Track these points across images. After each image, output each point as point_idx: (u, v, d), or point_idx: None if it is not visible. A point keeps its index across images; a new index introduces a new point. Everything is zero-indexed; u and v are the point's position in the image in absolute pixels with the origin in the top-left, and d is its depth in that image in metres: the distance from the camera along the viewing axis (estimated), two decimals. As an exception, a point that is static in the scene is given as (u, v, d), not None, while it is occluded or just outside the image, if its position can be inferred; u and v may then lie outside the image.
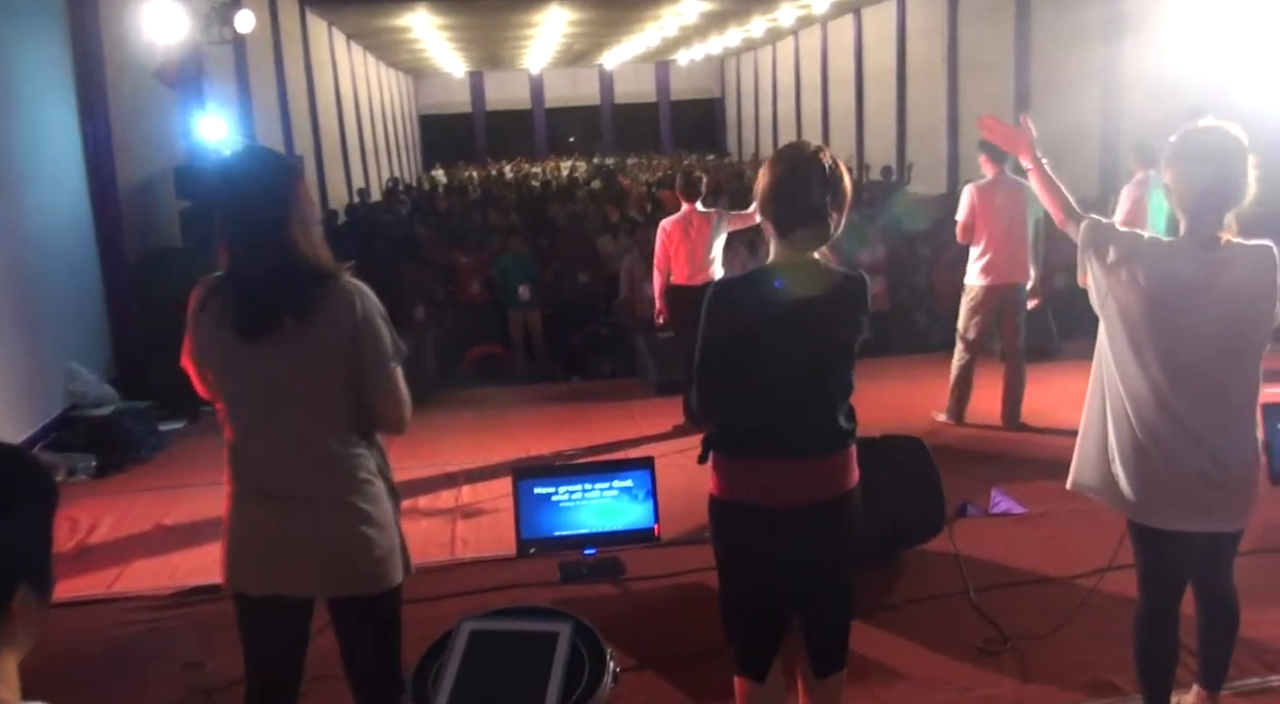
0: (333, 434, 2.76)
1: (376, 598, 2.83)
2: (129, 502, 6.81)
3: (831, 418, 2.90)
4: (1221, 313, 2.94)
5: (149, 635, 4.49)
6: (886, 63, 23.21)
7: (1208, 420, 2.97)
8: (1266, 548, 4.79)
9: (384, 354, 2.76)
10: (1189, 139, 2.99)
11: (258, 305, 2.67)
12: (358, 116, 25.06)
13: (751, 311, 2.83)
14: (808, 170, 2.80)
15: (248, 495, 2.79)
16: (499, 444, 7.73)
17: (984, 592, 4.49)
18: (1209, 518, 3.05)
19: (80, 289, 8.88)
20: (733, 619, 3.03)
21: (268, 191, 2.71)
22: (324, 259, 2.76)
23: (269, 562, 2.77)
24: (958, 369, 7.47)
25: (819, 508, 2.88)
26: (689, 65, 40.08)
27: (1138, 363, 2.99)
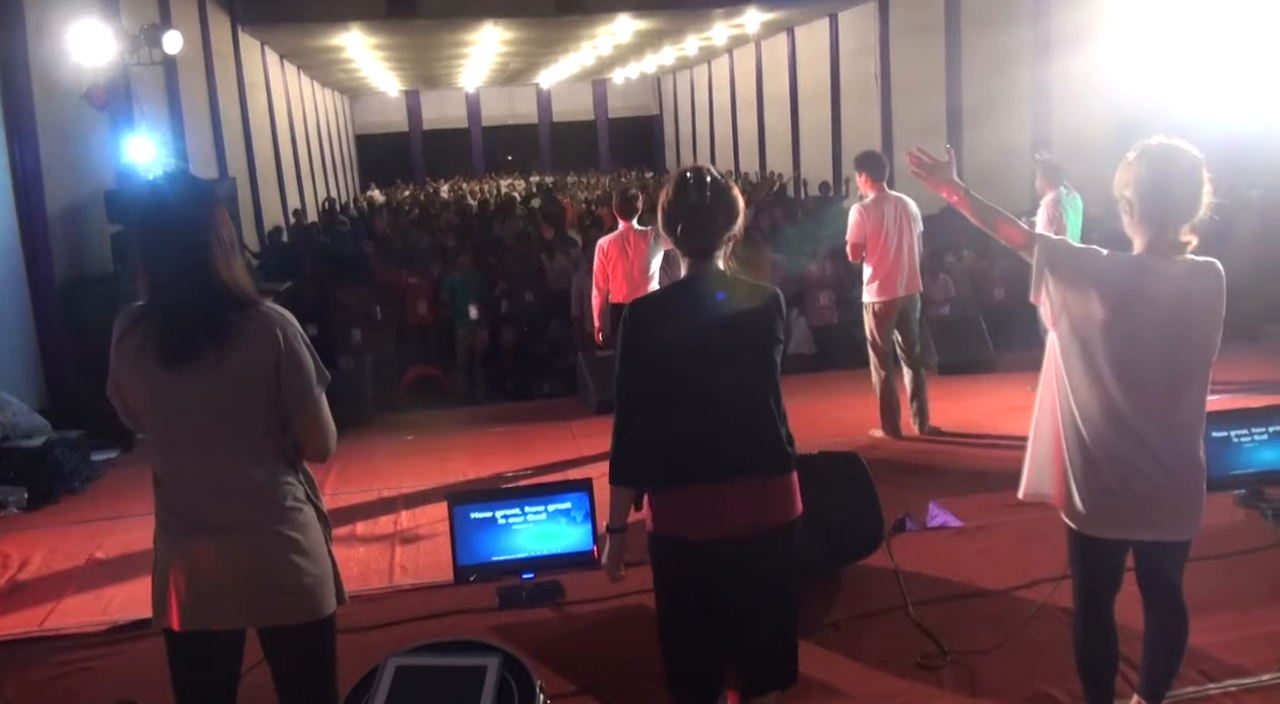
0: (257, 462, 2.73)
1: (309, 627, 2.80)
2: (61, 535, 6.67)
3: (764, 440, 2.91)
4: (1176, 326, 3.02)
5: (79, 674, 4.38)
6: (821, 81, 23.47)
7: (1159, 431, 3.04)
8: (1201, 556, 4.84)
9: (308, 381, 2.74)
10: (1147, 156, 3.05)
11: (178, 334, 2.64)
12: (293, 137, 24.81)
13: (669, 328, 2.88)
14: (702, 189, 2.92)
15: (174, 527, 2.75)
16: (438, 468, 7.68)
17: (923, 606, 4.52)
18: (1156, 527, 3.12)
19: (8, 316, 8.70)
20: (672, 655, 3.02)
21: (187, 219, 2.69)
22: (245, 286, 2.74)
23: (197, 595, 2.72)
24: (879, 385, 7.64)
25: (757, 537, 2.88)
26: (625, 83, 40.21)
27: (1092, 376, 3.05)
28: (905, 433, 7.62)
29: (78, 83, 9.33)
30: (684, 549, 2.89)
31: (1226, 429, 5.48)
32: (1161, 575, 3.26)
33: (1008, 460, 4.84)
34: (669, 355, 2.88)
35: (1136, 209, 3.05)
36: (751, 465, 2.90)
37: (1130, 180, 3.07)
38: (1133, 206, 3.07)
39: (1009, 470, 3.51)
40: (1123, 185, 3.10)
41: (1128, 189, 3.08)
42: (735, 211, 2.96)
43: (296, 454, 2.83)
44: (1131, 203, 3.07)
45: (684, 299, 2.94)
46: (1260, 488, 5.46)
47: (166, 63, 11.96)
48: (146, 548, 5.82)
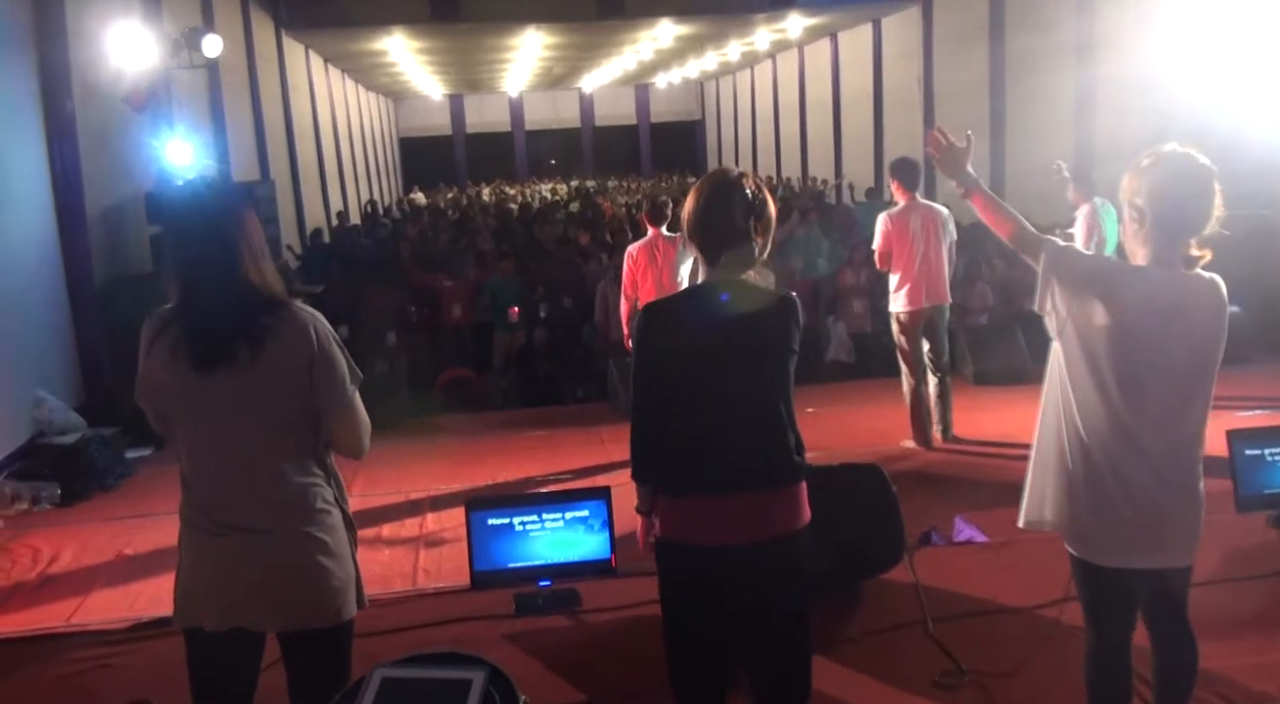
0: (289, 464, 2.75)
1: (329, 631, 2.81)
2: (92, 531, 6.75)
3: (771, 449, 2.88)
4: (1183, 340, 2.93)
5: (98, 671, 4.42)
6: (863, 86, 23.34)
7: (1164, 448, 2.96)
8: (1228, 578, 4.79)
9: (340, 380, 2.76)
10: (1159, 165, 2.95)
11: (211, 337, 2.67)
12: (336, 140, 25.03)
13: (680, 333, 2.85)
14: (730, 195, 2.86)
15: (202, 528, 2.76)
16: (466, 471, 7.70)
17: (942, 623, 4.46)
18: (1160, 553, 3.02)
19: (47, 315, 8.82)
20: (674, 660, 3.01)
21: (218, 223, 2.72)
22: (275, 288, 2.76)
23: (223, 596, 2.74)
24: (909, 394, 7.60)
25: (765, 546, 2.85)
26: (668, 88, 40.24)
27: (1098, 389, 2.95)
28: (936, 444, 7.55)
29: (118, 86, 9.45)
30: (690, 555, 2.87)
31: (1260, 447, 5.30)
32: (1168, 602, 3.16)
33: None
34: (680, 361, 2.86)
35: (1148, 219, 2.95)
36: (759, 475, 2.87)
37: (1141, 189, 2.96)
38: (1144, 216, 2.96)
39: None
40: (1133, 193, 2.98)
41: (1139, 197, 2.96)
42: (772, 229, 2.93)
43: (327, 455, 2.86)
44: (1143, 212, 2.96)
45: (697, 305, 2.91)
46: (1295, 508, 5.32)
47: (209, 66, 12.11)
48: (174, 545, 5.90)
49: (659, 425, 2.88)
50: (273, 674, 2.95)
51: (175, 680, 4.11)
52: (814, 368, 11.86)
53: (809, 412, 8.71)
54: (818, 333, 12.15)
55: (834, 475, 4.74)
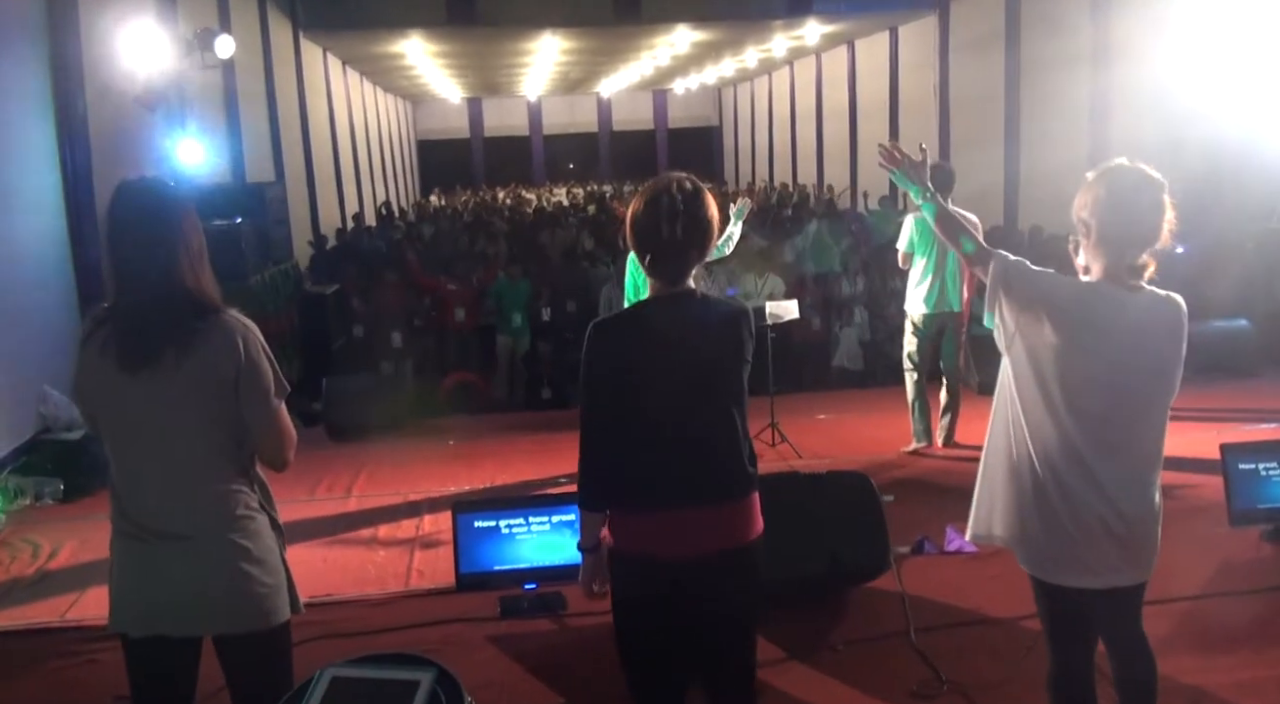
0: (210, 469, 2.75)
1: (261, 635, 2.81)
2: (93, 527, 6.76)
3: (725, 461, 2.85)
4: (1132, 359, 2.88)
5: (84, 667, 4.46)
6: (880, 94, 23.31)
7: (1114, 469, 2.90)
8: (1220, 592, 4.77)
9: (265, 391, 2.76)
10: (1106, 177, 2.93)
11: (140, 337, 2.67)
12: (353, 141, 25.12)
13: (630, 350, 2.82)
14: (658, 203, 2.80)
15: (126, 533, 2.77)
16: (467, 473, 7.73)
17: (926, 632, 4.45)
18: (1113, 573, 2.96)
19: (55, 312, 8.87)
20: (630, 673, 3.01)
21: (154, 224, 2.71)
22: (209, 293, 2.76)
23: (148, 602, 2.74)
24: (910, 389, 7.65)
25: (718, 558, 2.83)
26: (686, 94, 40.25)
27: (1045, 406, 2.91)
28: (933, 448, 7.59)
29: (131, 85, 9.51)
30: (645, 567, 2.85)
31: (1254, 461, 5.29)
32: (1121, 620, 3.11)
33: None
34: (631, 377, 2.81)
35: (1094, 232, 2.93)
36: (714, 489, 2.84)
37: (1088, 202, 2.94)
38: (1090, 229, 2.94)
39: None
40: (1080, 207, 2.97)
41: (1084, 211, 2.95)
42: (710, 236, 2.86)
43: (251, 462, 2.85)
44: (1089, 225, 2.94)
45: (649, 320, 2.86)
46: (1289, 523, 5.29)
47: (224, 66, 12.18)
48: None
49: (611, 445, 2.84)
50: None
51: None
52: (823, 375, 11.87)
53: (820, 418, 8.74)
54: (826, 340, 12.15)
55: (822, 483, 4.75)
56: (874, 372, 11.71)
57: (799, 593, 4.47)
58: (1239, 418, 7.69)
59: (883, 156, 3.31)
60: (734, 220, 7.39)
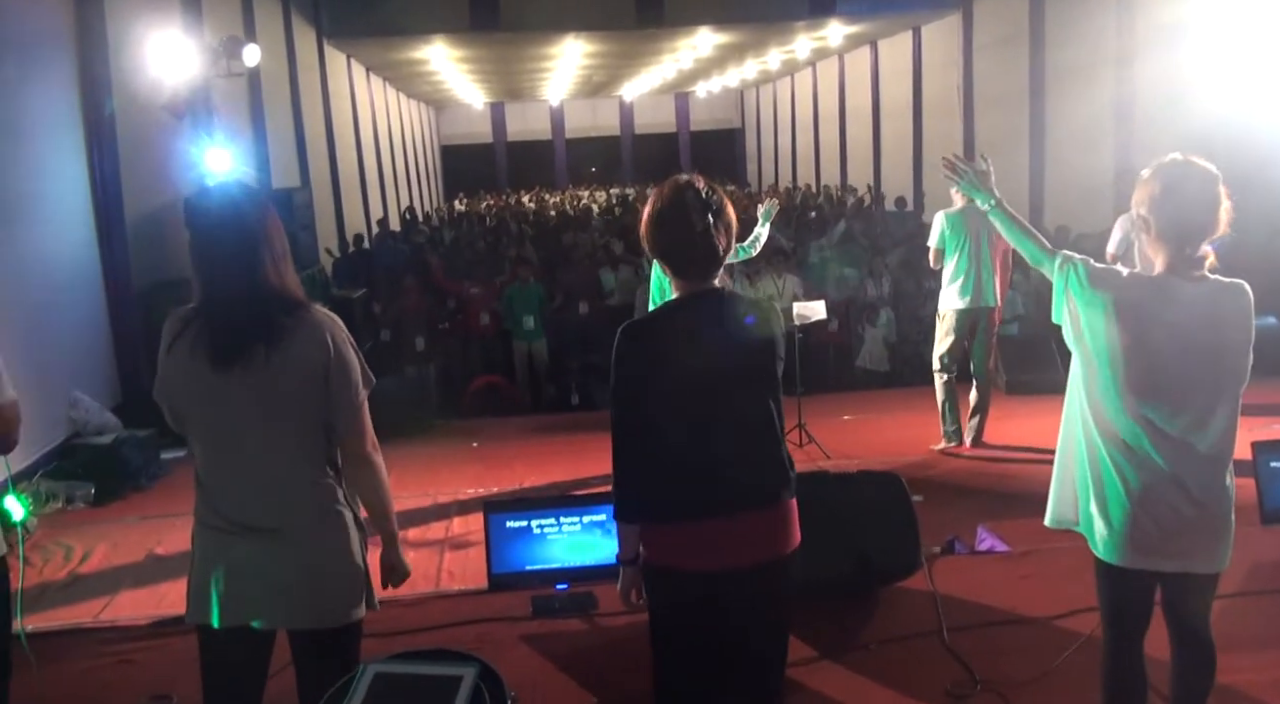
0: (300, 464, 2.78)
1: (337, 632, 2.84)
2: (124, 530, 6.85)
3: (764, 466, 2.81)
4: (1201, 349, 2.94)
5: (119, 666, 4.49)
6: (903, 95, 23.23)
7: (1185, 459, 2.96)
8: (1251, 591, 4.72)
9: (355, 383, 2.80)
10: (1160, 173, 3.00)
11: (230, 334, 2.70)
12: (377, 147, 25.23)
13: (663, 353, 2.78)
14: (683, 199, 2.77)
15: (213, 526, 2.80)
16: (494, 475, 7.75)
17: (958, 632, 4.42)
18: (1185, 558, 3.03)
19: (85, 318, 8.97)
20: (663, 686, 2.98)
21: (240, 227, 2.76)
22: (294, 291, 2.80)
23: (230, 594, 2.77)
24: (940, 389, 7.64)
25: (752, 570, 2.78)
26: (708, 96, 40.27)
27: (1116, 399, 2.98)
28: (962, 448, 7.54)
29: (158, 93, 9.59)
30: (684, 580, 2.80)
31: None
32: (1187, 610, 3.16)
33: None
34: (665, 382, 2.75)
35: (1153, 227, 3.00)
36: (754, 495, 2.80)
37: (1145, 198, 3.01)
38: (1149, 225, 3.01)
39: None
40: (1138, 203, 3.05)
41: (1142, 207, 3.03)
42: (734, 230, 2.84)
43: (338, 456, 2.88)
44: (1147, 220, 3.01)
45: (679, 320, 2.81)
46: (1321, 522, 5.24)
47: (250, 74, 12.26)
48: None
49: (644, 455, 2.78)
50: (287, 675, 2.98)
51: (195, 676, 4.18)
52: (846, 376, 11.84)
53: (845, 419, 8.72)
54: (848, 341, 12.12)
55: (853, 483, 4.75)
56: (900, 373, 11.66)
57: (830, 593, 4.45)
58: (1271, 413, 7.61)
59: (946, 167, 3.43)
60: (761, 221, 7.38)
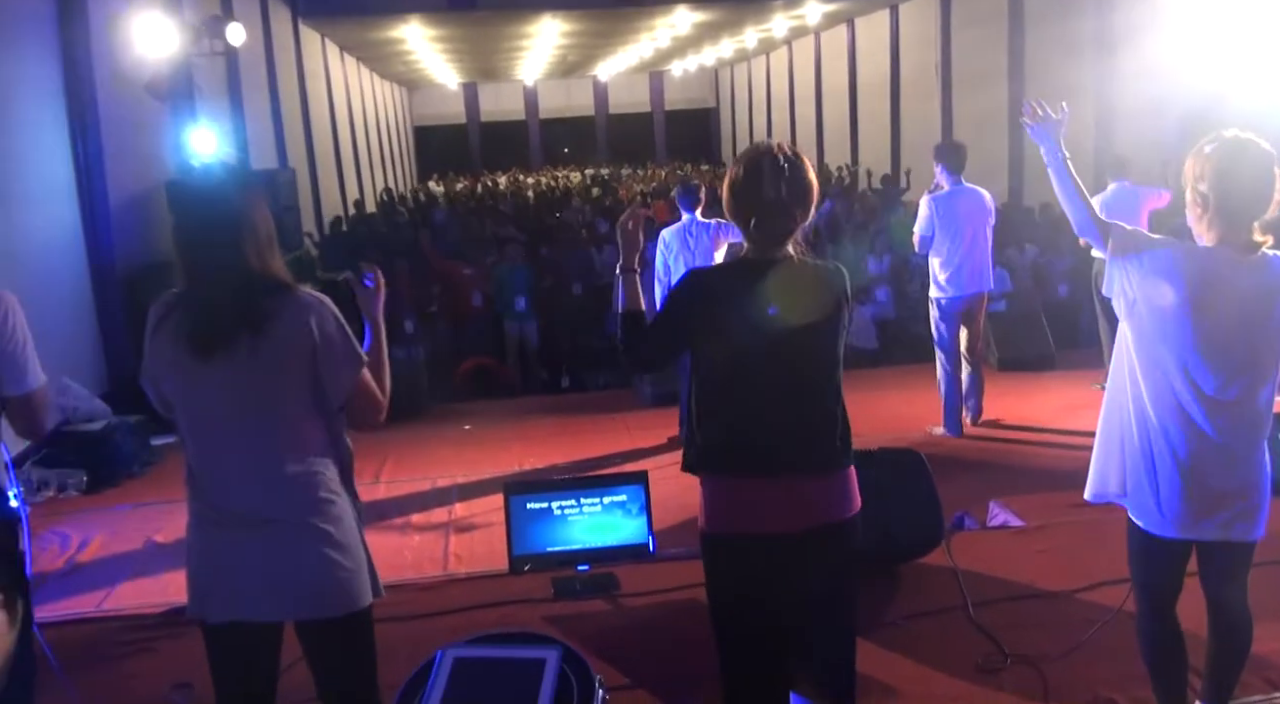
0: (290, 451, 2.71)
1: (345, 620, 2.77)
2: (120, 518, 6.76)
3: (823, 433, 2.82)
4: (1251, 321, 2.96)
5: (137, 655, 4.42)
6: (880, 73, 23.22)
7: (1232, 428, 2.99)
8: (1270, 561, 4.75)
9: (339, 361, 2.72)
10: (1224, 149, 2.98)
11: (213, 321, 2.63)
12: (352, 128, 25.03)
13: (729, 309, 2.78)
14: (760, 163, 2.80)
15: (206, 517, 2.73)
16: (491, 458, 7.70)
17: (982, 607, 4.43)
18: (1225, 528, 3.06)
19: (71, 303, 8.84)
20: (727, 659, 2.92)
21: (223, 214, 2.68)
22: (278, 274, 2.72)
23: (230, 587, 2.71)
24: (942, 381, 7.51)
25: (817, 534, 2.79)
26: (683, 76, 40.15)
27: (1165, 370, 3.00)
28: (966, 429, 7.50)
29: (140, 74, 9.45)
30: (740, 547, 2.80)
31: (1301, 430, 5.29)
32: (1227, 578, 3.20)
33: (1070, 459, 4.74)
34: (726, 337, 2.78)
35: (1211, 204, 2.98)
36: (811, 460, 2.81)
37: (1206, 174, 2.98)
38: (1207, 201, 2.99)
39: (1071, 469, 3.43)
40: (1196, 178, 3.01)
41: (1202, 182, 2.99)
42: (812, 198, 2.85)
43: (332, 442, 2.81)
44: (1206, 197, 2.99)
45: (756, 282, 2.79)
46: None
47: (228, 54, 12.09)
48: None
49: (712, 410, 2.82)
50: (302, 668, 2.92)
51: (214, 665, 4.15)
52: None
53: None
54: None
55: (874, 460, 4.72)
56: (889, 351, 11.68)
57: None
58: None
59: (1026, 113, 3.37)
60: None
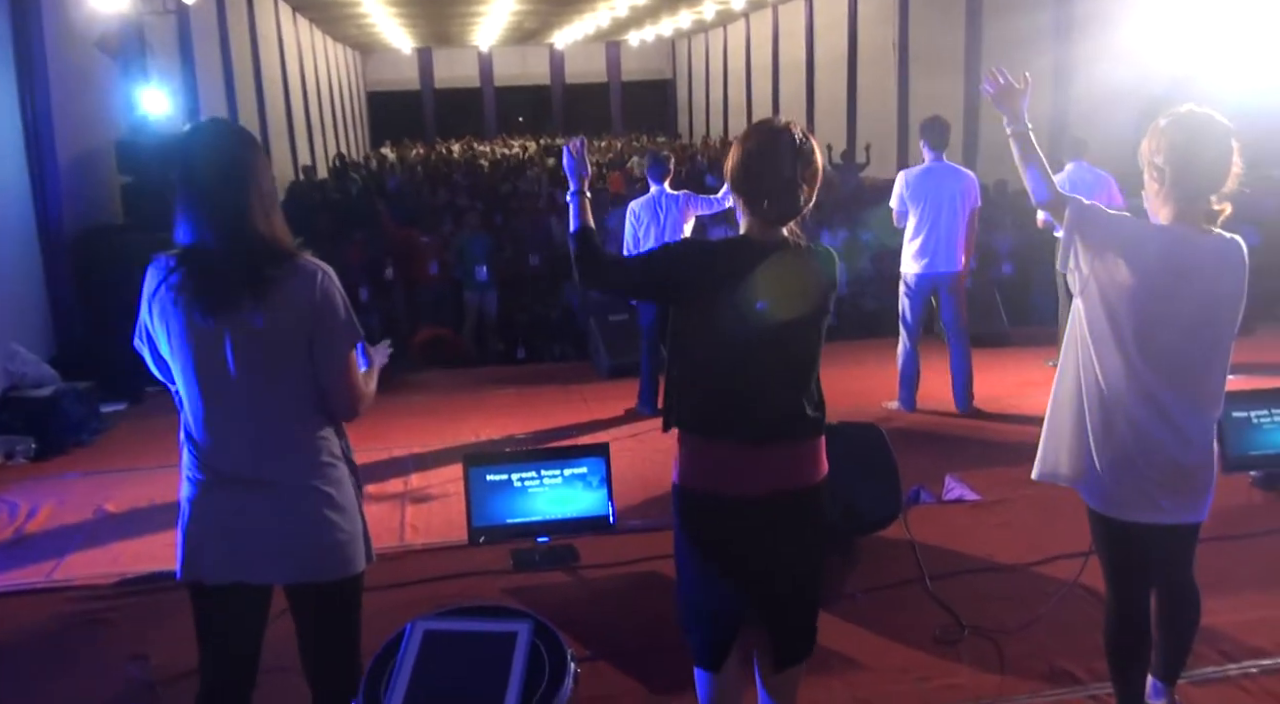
0: (292, 416, 2.69)
1: (338, 584, 2.77)
2: (69, 486, 6.65)
3: (799, 403, 2.85)
4: (1204, 301, 2.95)
5: (89, 626, 4.35)
6: (838, 49, 23.25)
7: (1183, 407, 2.98)
8: (1220, 536, 4.84)
9: (337, 333, 2.69)
10: (1179, 123, 2.96)
11: (217, 285, 2.59)
12: (304, 91, 24.67)
13: (724, 286, 2.78)
14: (777, 143, 2.78)
15: (205, 481, 2.70)
16: (448, 428, 7.65)
17: (939, 580, 4.48)
18: (1179, 510, 3.05)
19: (18, 266, 8.63)
20: (691, 610, 2.97)
21: (228, 168, 2.63)
22: (283, 238, 2.68)
23: (228, 549, 2.69)
24: (901, 356, 7.46)
25: (785, 498, 2.84)
26: (640, 46, 39.94)
27: (1119, 347, 2.97)
28: (920, 406, 7.53)
29: (90, 30, 9.22)
30: (713, 505, 2.84)
31: (1247, 409, 5.39)
32: (1178, 558, 3.21)
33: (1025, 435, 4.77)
34: (728, 319, 2.78)
35: (1168, 177, 2.96)
36: (787, 427, 2.84)
37: (1161, 147, 2.97)
38: (1163, 175, 2.97)
39: (1026, 445, 3.45)
40: (1153, 152, 2.99)
41: (1158, 156, 2.98)
42: (818, 181, 2.84)
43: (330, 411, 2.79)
44: (1162, 171, 2.97)
45: (756, 267, 2.78)
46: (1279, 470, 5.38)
47: (180, 13, 11.85)
48: (157, 501, 5.74)
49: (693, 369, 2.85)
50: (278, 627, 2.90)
51: (169, 635, 4.08)
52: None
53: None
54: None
55: (835, 433, 4.72)
56: (840, 327, 11.74)
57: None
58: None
59: (987, 80, 3.29)
60: None
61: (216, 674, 2.84)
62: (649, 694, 3.73)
